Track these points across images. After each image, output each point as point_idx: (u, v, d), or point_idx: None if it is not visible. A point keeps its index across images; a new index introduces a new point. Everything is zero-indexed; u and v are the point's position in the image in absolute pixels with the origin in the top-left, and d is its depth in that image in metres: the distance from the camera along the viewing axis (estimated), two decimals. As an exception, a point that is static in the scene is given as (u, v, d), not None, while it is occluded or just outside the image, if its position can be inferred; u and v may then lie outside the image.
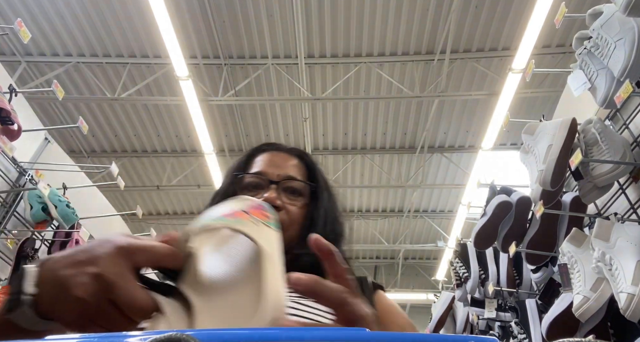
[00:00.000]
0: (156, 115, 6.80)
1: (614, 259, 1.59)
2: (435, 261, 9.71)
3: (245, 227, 0.51)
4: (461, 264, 2.98)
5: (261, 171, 0.92)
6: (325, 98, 6.13)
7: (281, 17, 5.49)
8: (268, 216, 0.56)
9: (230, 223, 0.52)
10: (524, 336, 2.35)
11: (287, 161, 0.95)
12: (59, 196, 2.82)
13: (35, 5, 5.32)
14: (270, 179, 0.90)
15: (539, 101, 6.16)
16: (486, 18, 5.45)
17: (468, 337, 0.41)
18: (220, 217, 0.55)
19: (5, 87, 2.24)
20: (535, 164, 1.99)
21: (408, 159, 7.53)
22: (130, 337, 0.36)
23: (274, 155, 0.96)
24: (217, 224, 0.54)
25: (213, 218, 0.55)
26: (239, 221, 0.52)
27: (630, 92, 1.53)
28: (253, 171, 0.93)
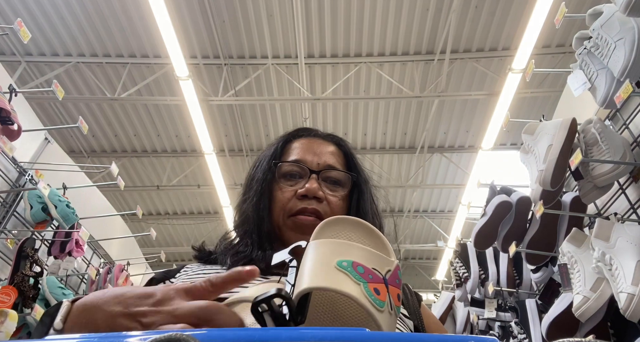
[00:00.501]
0: (156, 115, 6.80)
1: (614, 259, 1.59)
2: (435, 261, 9.72)
3: (381, 319, 0.45)
4: (461, 264, 2.98)
5: (300, 159, 0.86)
6: (325, 98, 6.13)
7: (281, 17, 5.49)
8: (401, 296, 0.50)
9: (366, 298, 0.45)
10: (524, 336, 2.35)
11: (326, 148, 0.90)
12: (59, 195, 2.82)
13: (35, 5, 5.32)
14: (310, 168, 0.85)
15: (539, 101, 6.17)
16: (486, 18, 5.45)
17: (468, 337, 0.41)
18: (359, 275, 0.47)
19: (5, 87, 2.24)
20: (535, 164, 1.99)
21: (408, 159, 7.53)
22: (130, 338, 0.36)
23: (312, 142, 0.91)
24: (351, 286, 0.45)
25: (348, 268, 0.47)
26: (375, 300, 0.45)
27: (630, 92, 1.53)
28: (291, 158, 0.88)
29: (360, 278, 0.46)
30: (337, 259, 0.48)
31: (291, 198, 0.82)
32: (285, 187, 0.84)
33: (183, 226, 9.10)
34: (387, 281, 0.48)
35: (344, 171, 0.88)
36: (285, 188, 0.84)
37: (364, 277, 0.47)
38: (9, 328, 2.15)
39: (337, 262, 0.47)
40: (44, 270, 2.81)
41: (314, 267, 0.48)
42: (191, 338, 0.32)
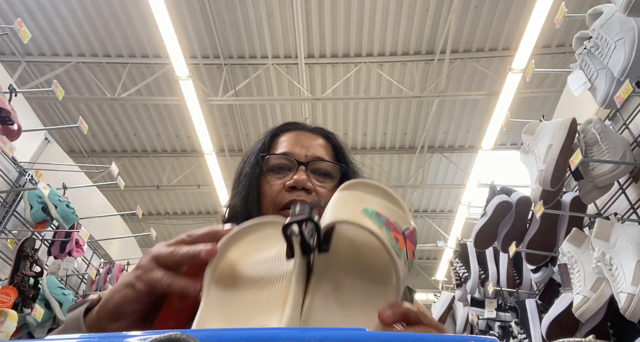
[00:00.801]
0: (156, 115, 6.80)
1: (614, 259, 1.59)
2: (435, 261, 9.71)
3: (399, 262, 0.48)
4: (461, 264, 2.98)
5: (288, 152, 0.86)
6: (325, 98, 6.13)
7: (281, 17, 5.49)
8: (415, 254, 0.53)
9: (388, 240, 0.48)
10: (524, 336, 2.35)
11: (314, 141, 0.90)
12: (59, 195, 2.82)
13: (35, 5, 5.32)
14: (298, 159, 0.84)
15: (539, 101, 6.16)
16: (486, 18, 5.45)
17: (468, 337, 0.41)
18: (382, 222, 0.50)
19: (5, 87, 2.24)
20: (535, 164, 1.99)
21: (408, 159, 7.53)
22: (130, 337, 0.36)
23: (300, 135, 0.90)
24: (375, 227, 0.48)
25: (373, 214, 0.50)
26: (395, 246, 0.48)
27: (630, 92, 1.53)
28: (279, 151, 0.87)
29: (383, 225, 0.49)
30: (362, 206, 0.50)
31: (280, 191, 0.82)
32: (274, 180, 0.83)
33: (183, 226, 9.09)
34: (406, 236, 0.51)
35: (332, 162, 0.87)
36: (273, 181, 0.83)
37: (387, 225, 0.49)
38: (9, 328, 2.15)
39: (362, 208, 0.50)
40: (44, 270, 2.81)
41: (339, 207, 0.51)
42: (191, 338, 0.32)
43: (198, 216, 8.90)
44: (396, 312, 0.46)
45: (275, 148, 0.89)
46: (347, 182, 0.58)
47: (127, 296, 0.51)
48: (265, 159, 0.87)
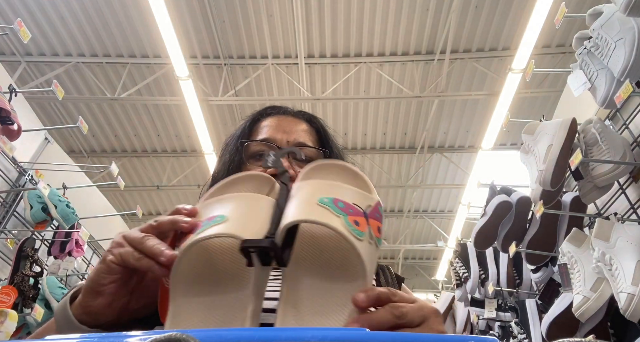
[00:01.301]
0: (156, 115, 6.79)
1: (614, 259, 1.59)
2: (435, 261, 9.71)
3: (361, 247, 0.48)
4: (461, 264, 2.98)
5: (269, 138, 0.83)
6: (325, 98, 6.13)
7: (281, 17, 5.49)
8: (381, 229, 0.53)
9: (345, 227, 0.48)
10: (524, 336, 2.35)
11: (296, 126, 0.86)
12: (59, 195, 2.82)
13: (35, 5, 5.31)
14: (280, 146, 0.81)
15: (539, 101, 6.16)
16: (486, 18, 5.45)
17: (468, 337, 0.41)
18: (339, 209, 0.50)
19: (5, 87, 2.24)
20: (535, 164, 1.99)
21: (408, 159, 7.52)
22: (130, 337, 0.36)
23: (281, 120, 0.87)
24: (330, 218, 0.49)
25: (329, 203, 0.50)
26: (354, 230, 0.48)
27: (630, 92, 1.53)
28: (260, 137, 0.84)
29: (341, 211, 0.49)
30: (319, 197, 0.51)
31: None
32: (254, 167, 0.81)
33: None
34: (367, 214, 0.51)
35: (315, 148, 0.84)
36: (254, 169, 0.80)
37: (344, 210, 0.49)
38: (9, 328, 2.15)
39: (318, 199, 0.50)
40: (44, 270, 2.81)
41: (297, 204, 0.51)
42: (191, 338, 0.32)
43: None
44: (370, 296, 0.46)
45: (257, 134, 0.86)
46: (305, 169, 0.59)
47: (100, 270, 0.52)
48: (245, 145, 0.84)
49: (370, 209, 0.52)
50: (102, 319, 0.54)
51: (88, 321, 0.53)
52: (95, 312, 0.53)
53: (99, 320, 0.53)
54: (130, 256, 0.51)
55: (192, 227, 0.52)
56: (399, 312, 0.46)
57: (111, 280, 0.52)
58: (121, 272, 0.52)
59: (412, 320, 0.46)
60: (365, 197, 0.54)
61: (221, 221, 0.50)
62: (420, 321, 0.47)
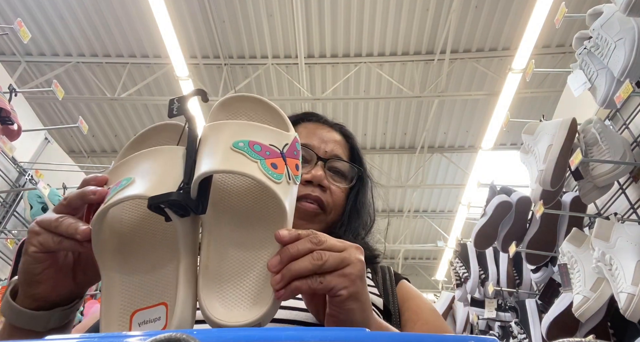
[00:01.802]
0: (156, 115, 6.79)
1: (614, 259, 1.59)
2: (435, 261, 9.71)
3: (280, 190, 0.47)
4: (461, 264, 2.98)
5: (307, 144, 0.84)
6: (325, 98, 6.13)
7: (281, 17, 5.49)
8: (299, 166, 0.52)
9: (263, 173, 0.47)
10: (524, 336, 2.35)
11: (333, 136, 0.89)
12: (59, 195, 2.82)
13: (35, 5, 5.31)
14: (318, 154, 0.83)
15: (539, 101, 6.16)
16: (486, 18, 5.45)
17: (468, 337, 0.41)
18: (255, 153, 0.49)
19: (5, 87, 2.24)
20: (535, 164, 1.99)
21: (408, 159, 7.52)
22: (130, 337, 0.36)
23: (319, 128, 0.89)
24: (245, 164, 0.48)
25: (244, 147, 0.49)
26: (272, 174, 0.48)
27: (630, 92, 1.53)
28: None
29: (257, 156, 0.48)
30: (233, 141, 0.49)
31: None
32: None
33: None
34: (285, 154, 0.50)
35: (351, 164, 0.87)
36: None
37: (261, 154, 0.49)
38: (9, 328, 2.14)
39: (233, 143, 0.49)
40: (44, 270, 2.80)
41: (210, 152, 0.50)
42: (191, 338, 0.32)
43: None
44: (291, 232, 0.48)
45: None
46: (218, 104, 0.57)
47: (26, 261, 0.52)
48: None
49: (287, 147, 0.51)
50: (56, 300, 0.54)
51: (42, 306, 0.53)
52: (44, 297, 0.53)
53: (53, 301, 0.54)
54: (50, 241, 0.51)
55: (100, 197, 0.51)
56: (317, 239, 0.47)
57: (43, 267, 0.52)
58: (49, 258, 0.52)
59: (331, 246, 0.48)
60: (282, 135, 0.52)
61: (127, 184, 0.49)
62: (339, 249, 0.48)
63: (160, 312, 0.45)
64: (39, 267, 0.52)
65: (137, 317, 0.46)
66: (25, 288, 0.53)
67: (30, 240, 0.52)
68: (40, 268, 0.52)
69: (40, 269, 0.52)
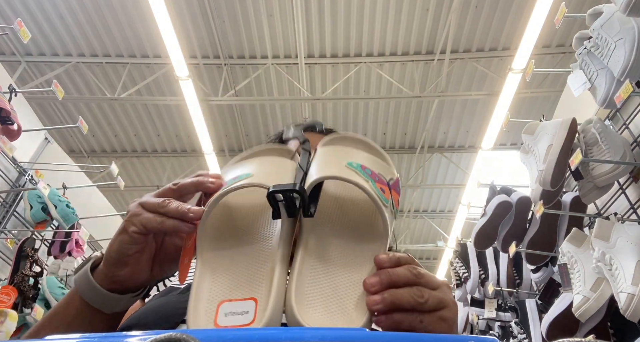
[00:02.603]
0: (156, 115, 6.79)
1: (614, 259, 1.59)
2: (435, 261, 9.71)
3: (385, 211, 0.48)
4: (461, 264, 2.98)
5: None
6: (325, 98, 6.13)
7: (281, 17, 5.49)
8: (399, 202, 0.54)
9: (375, 191, 0.48)
10: (524, 336, 2.35)
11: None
12: (59, 195, 2.82)
13: (35, 5, 5.31)
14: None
15: (539, 101, 6.16)
16: (486, 18, 5.45)
17: (468, 337, 0.41)
18: (367, 174, 0.50)
19: (5, 87, 2.24)
20: (535, 164, 1.99)
21: (408, 159, 7.52)
22: (130, 337, 0.36)
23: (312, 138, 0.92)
24: (361, 180, 0.49)
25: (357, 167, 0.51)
26: (382, 196, 0.49)
27: (630, 92, 1.53)
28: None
29: (369, 177, 0.50)
30: (346, 160, 0.51)
31: None
32: None
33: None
34: (391, 185, 0.52)
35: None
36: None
37: (372, 177, 0.50)
38: (9, 328, 2.15)
39: (347, 162, 0.51)
40: (44, 270, 2.81)
41: (325, 163, 0.52)
42: (191, 338, 0.32)
43: (198, 216, 8.89)
44: (392, 257, 0.47)
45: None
46: (327, 137, 0.59)
47: (123, 241, 0.53)
48: None
49: (392, 181, 0.53)
50: (130, 286, 0.55)
51: (116, 289, 0.54)
52: (122, 280, 0.54)
53: (126, 287, 0.55)
54: (153, 221, 0.51)
55: (217, 187, 0.52)
56: (417, 272, 0.47)
57: (136, 250, 0.53)
58: (144, 241, 0.53)
59: (426, 282, 0.47)
60: (388, 170, 0.54)
61: (246, 177, 0.51)
62: (434, 287, 0.47)
63: (249, 306, 0.46)
64: (133, 248, 0.53)
65: (224, 307, 0.46)
66: (110, 268, 0.54)
67: (130, 219, 0.52)
68: (134, 249, 0.53)
69: (133, 250, 0.53)
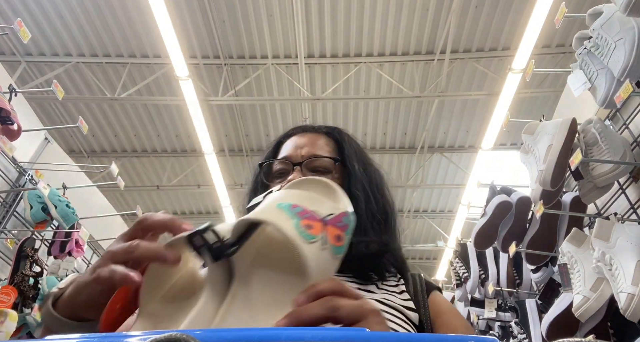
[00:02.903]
0: (156, 115, 6.79)
1: (614, 259, 1.59)
2: (435, 261, 9.71)
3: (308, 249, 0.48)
4: (461, 264, 2.98)
5: (286, 156, 0.86)
6: (325, 98, 6.13)
7: (281, 17, 5.49)
8: (342, 238, 0.53)
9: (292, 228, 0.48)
10: (524, 336, 2.35)
11: (315, 140, 0.89)
12: (59, 195, 2.82)
13: (35, 5, 5.31)
14: (294, 161, 0.84)
15: (539, 101, 6.16)
16: (486, 18, 5.45)
17: (468, 337, 0.41)
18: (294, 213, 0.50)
19: (5, 87, 2.24)
20: (535, 164, 1.99)
21: (408, 159, 7.52)
22: (130, 338, 0.36)
23: (300, 137, 0.90)
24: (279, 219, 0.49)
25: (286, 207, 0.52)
26: (303, 233, 0.48)
27: (630, 92, 1.53)
28: (279, 157, 0.88)
29: (295, 215, 0.50)
30: (278, 202, 0.52)
31: None
32: (274, 185, 0.84)
33: (183, 226, 9.09)
34: (327, 221, 0.51)
35: (326, 157, 0.85)
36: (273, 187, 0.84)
37: (299, 214, 0.50)
38: (9, 328, 2.15)
39: (277, 204, 0.52)
40: (44, 270, 2.81)
41: (259, 207, 0.53)
42: (191, 338, 0.32)
43: (198, 216, 8.90)
44: (310, 295, 0.46)
45: (279, 155, 0.90)
46: (290, 183, 0.62)
47: (93, 291, 0.53)
48: (265, 166, 0.88)
49: (332, 216, 0.53)
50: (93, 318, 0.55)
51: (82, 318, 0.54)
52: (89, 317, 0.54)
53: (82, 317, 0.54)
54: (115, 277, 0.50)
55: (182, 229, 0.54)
56: (331, 305, 0.45)
57: (105, 300, 0.53)
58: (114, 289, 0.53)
59: (346, 315, 0.45)
60: (328, 205, 0.55)
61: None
62: (356, 319, 0.45)
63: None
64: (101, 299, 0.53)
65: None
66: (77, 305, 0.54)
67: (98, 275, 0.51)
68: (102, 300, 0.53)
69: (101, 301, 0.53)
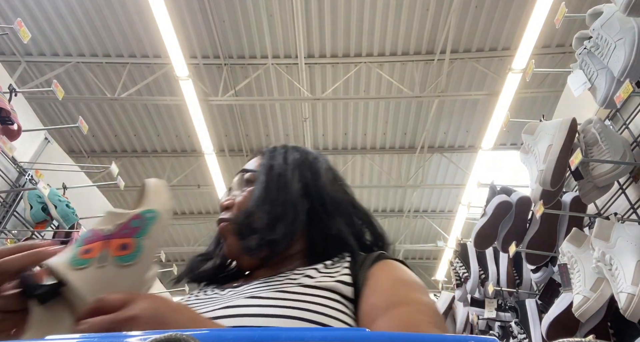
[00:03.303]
0: (156, 115, 6.80)
1: (614, 259, 1.59)
2: (435, 261, 9.71)
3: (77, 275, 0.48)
4: (461, 264, 2.98)
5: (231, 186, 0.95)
6: (325, 98, 6.13)
7: (281, 17, 5.49)
8: (129, 245, 0.53)
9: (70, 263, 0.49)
10: (524, 336, 2.35)
11: (253, 162, 0.94)
12: (59, 195, 2.82)
13: (35, 5, 5.32)
14: (230, 187, 0.94)
15: (539, 101, 6.16)
16: (486, 18, 5.45)
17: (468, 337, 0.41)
18: (80, 242, 0.52)
19: (5, 87, 2.24)
20: (535, 164, 1.99)
21: (408, 159, 7.53)
22: (130, 338, 0.36)
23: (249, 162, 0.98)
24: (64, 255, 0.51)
25: (80, 238, 0.54)
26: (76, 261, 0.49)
27: (630, 92, 1.53)
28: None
29: (78, 246, 0.51)
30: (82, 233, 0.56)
31: None
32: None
33: (183, 226, 9.09)
34: (110, 235, 0.52)
35: (246, 171, 0.92)
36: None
37: (85, 241, 0.51)
38: (9, 328, 2.14)
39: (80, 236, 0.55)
40: (44, 270, 2.81)
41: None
42: (191, 338, 0.33)
43: (198, 216, 8.90)
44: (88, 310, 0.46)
45: None
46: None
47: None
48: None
49: (117, 228, 0.53)
50: None
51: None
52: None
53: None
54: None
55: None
56: (111, 319, 0.45)
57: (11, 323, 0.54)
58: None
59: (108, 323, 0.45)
60: (117, 217, 0.55)
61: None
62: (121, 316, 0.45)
63: None
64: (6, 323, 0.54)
65: None
66: None
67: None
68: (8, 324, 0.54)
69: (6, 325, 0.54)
